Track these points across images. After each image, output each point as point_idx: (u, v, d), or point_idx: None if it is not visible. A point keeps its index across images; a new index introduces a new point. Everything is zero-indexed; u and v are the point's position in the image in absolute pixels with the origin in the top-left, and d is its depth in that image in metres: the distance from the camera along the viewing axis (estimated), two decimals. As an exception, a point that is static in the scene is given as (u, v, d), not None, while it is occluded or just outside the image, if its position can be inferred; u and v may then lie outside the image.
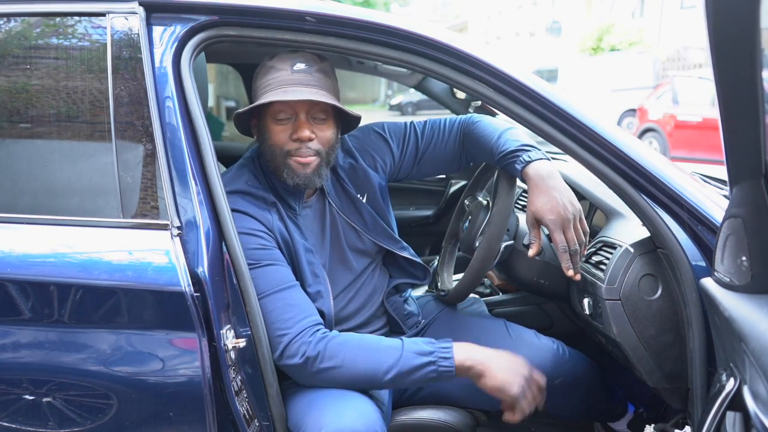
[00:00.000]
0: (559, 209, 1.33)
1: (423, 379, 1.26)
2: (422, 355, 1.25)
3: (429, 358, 1.25)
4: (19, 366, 1.14)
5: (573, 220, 1.33)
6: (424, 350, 1.26)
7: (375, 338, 1.32)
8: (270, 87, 1.31)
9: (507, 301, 2.12)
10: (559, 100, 1.25)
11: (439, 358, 1.25)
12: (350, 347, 1.26)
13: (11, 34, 1.24)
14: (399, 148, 1.56)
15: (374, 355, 1.26)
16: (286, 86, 1.29)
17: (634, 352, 1.33)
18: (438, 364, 1.25)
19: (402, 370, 1.25)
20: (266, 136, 1.34)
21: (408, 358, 1.25)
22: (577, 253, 1.33)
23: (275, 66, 1.32)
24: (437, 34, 1.27)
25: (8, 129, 1.23)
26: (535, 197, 1.36)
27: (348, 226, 1.48)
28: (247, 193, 1.35)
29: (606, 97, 12.62)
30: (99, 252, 1.18)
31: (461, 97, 2.44)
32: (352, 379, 1.26)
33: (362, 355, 1.26)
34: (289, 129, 1.32)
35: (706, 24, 0.80)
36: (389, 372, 1.25)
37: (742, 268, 0.94)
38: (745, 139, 0.86)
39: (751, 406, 0.82)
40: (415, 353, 1.26)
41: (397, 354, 1.26)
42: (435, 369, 1.25)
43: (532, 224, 1.38)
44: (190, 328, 1.11)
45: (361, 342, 1.29)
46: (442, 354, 1.26)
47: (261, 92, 1.33)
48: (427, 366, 1.25)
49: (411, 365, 1.25)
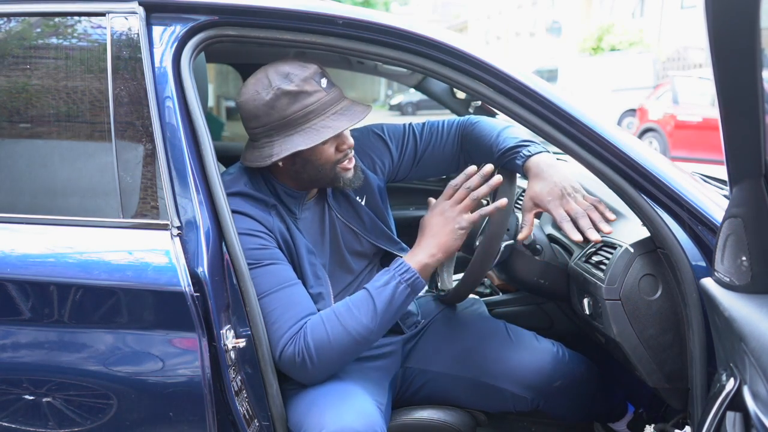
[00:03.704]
0: (556, 191, 1.34)
1: (403, 301, 1.29)
2: (387, 284, 1.28)
3: (393, 281, 1.28)
4: (19, 366, 1.14)
5: (572, 194, 1.34)
6: (385, 279, 1.29)
7: (341, 303, 1.31)
8: (315, 113, 1.27)
9: (507, 301, 2.12)
10: (559, 100, 1.25)
11: (401, 275, 1.29)
12: (330, 322, 1.26)
13: (11, 34, 1.24)
14: (398, 150, 1.56)
15: (353, 313, 1.26)
16: (334, 107, 1.29)
17: (634, 352, 1.33)
18: (404, 279, 1.28)
19: (381, 309, 1.27)
20: (310, 159, 1.31)
21: (377, 294, 1.28)
22: (585, 216, 1.31)
23: (304, 89, 1.25)
24: (437, 34, 1.27)
25: (8, 129, 1.23)
26: (533, 184, 1.37)
27: (347, 229, 1.48)
28: (247, 195, 1.34)
29: (606, 97, 12.63)
30: (99, 252, 1.18)
31: (461, 97, 2.44)
32: (350, 347, 1.26)
33: (344, 320, 1.26)
34: (333, 142, 1.32)
35: (706, 24, 0.80)
36: (374, 319, 1.26)
37: (742, 268, 0.94)
38: (745, 139, 0.86)
39: (751, 406, 0.82)
40: (380, 288, 1.28)
41: (368, 299, 1.28)
42: (405, 286, 1.28)
43: (527, 209, 1.39)
44: (190, 328, 1.11)
45: (335, 311, 1.28)
46: (401, 271, 1.29)
47: (303, 120, 1.26)
48: (396, 288, 1.28)
49: (385, 298, 1.27)
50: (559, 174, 1.36)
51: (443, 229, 1.32)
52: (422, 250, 1.32)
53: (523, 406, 1.55)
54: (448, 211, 1.33)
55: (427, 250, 1.32)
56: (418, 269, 1.30)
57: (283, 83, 1.25)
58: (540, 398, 1.54)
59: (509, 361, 1.53)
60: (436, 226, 1.33)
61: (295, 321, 1.26)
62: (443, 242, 1.32)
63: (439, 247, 1.32)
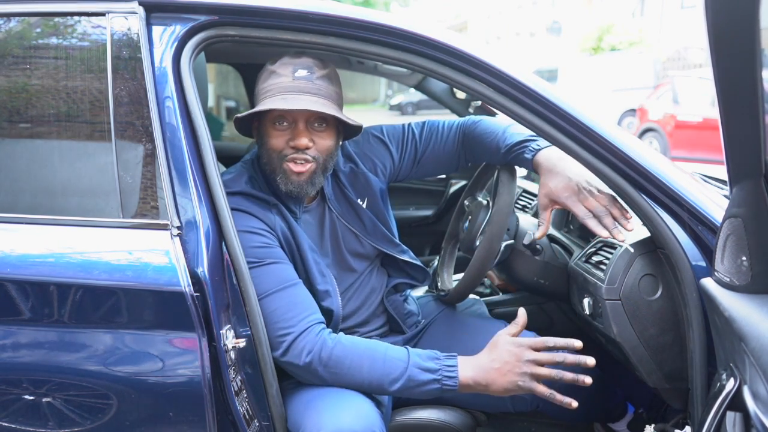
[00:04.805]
0: (573, 186, 1.33)
1: (425, 394, 1.25)
2: (428, 372, 1.24)
3: (434, 375, 1.23)
4: (19, 366, 1.14)
5: (590, 191, 1.33)
6: (430, 368, 1.24)
7: (382, 347, 1.29)
8: (270, 93, 1.30)
9: (507, 301, 2.11)
10: (559, 100, 1.25)
11: (444, 377, 1.23)
12: (356, 354, 1.25)
13: (11, 34, 1.24)
14: (398, 151, 1.56)
15: (380, 365, 1.24)
16: (286, 93, 1.28)
17: (634, 352, 1.33)
18: (442, 382, 1.23)
19: (406, 385, 1.23)
20: (265, 139, 1.34)
21: (413, 373, 1.23)
22: (607, 214, 1.32)
23: (277, 71, 1.31)
24: (437, 34, 1.27)
25: (8, 129, 1.23)
26: (547, 180, 1.36)
27: (348, 231, 1.48)
28: (248, 194, 1.35)
29: (606, 97, 12.63)
30: (99, 252, 1.17)
31: (461, 97, 2.45)
32: (355, 384, 1.26)
33: (368, 364, 1.24)
34: (287, 135, 1.32)
35: (706, 24, 0.80)
36: (393, 384, 1.24)
37: (742, 268, 0.94)
38: (745, 139, 0.86)
39: (751, 406, 0.82)
40: (420, 369, 1.24)
41: (403, 367, 1.24)
42: (439, 387, 1.23)
43: (544, 206, 1.39)
44: (190, 328, 1.11)
45: (367, 350, 1.26)
46: (447, 373, 1.23)
47: (261, 97, 1.32)
48: (431, 383, 1.23)
49: (416, 381, 1.23)
50: (571, 168, 1.35)
51: (507, 373, 1.21)
52: (479, 372, 1.23)
53: (522, 407, 1.54)
54: (523, 365, 1.21)
55: (483, 376, 1.22)
56: (461, 383, 1.23)
57: (270, 62, 1.34)
58: (540, 399, 1.54)
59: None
60: (505, 362, 1.22)
61: (299, 320, 1.26)
62: (497, 383, 1.22)
63: (493, 382, 1.22)
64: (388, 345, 1.29)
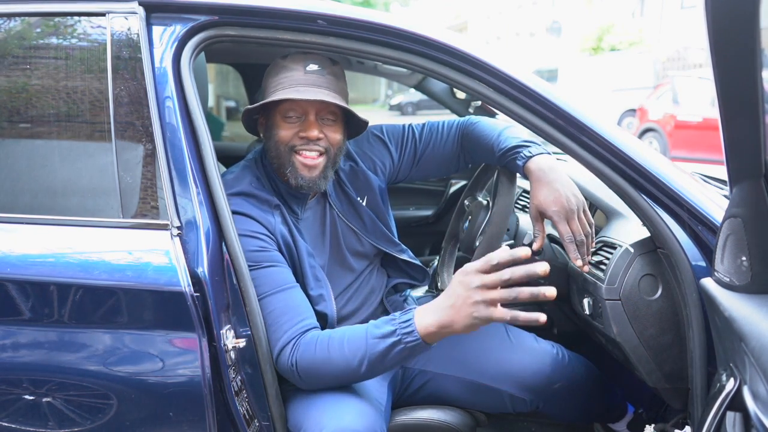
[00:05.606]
0: (562, 201, 1.33)
1: (397, 360, 1.19)
2: (386, 337, 1.17)
3: (393, 338, 1.17)
4: (19, 366, 1.14)
5: (577, 211, 1.34)
6: (386, 332, 1.18)
7: (341, 331, 1.24)
8: (282, 85, 1.31)
9: (507, 301, 2.11)
10: (559, 100, 1.25)
11: (403, 335, 1.16)
12: (321, 347, 1.22)
13: (11, 34, 1.24)
14: (398, 151, 1.56)
15: (344, 350, 1.20)
16: (299, 86, 1.30)
17: (634, 352, 1.33)
18: (404, 341, 1.16)
19: (372, 359, 1.19)
20: (273, 132, 1.34)
21: (373, 345, 1.18)
22: (584, 243, 1.34)
23: (288, 65, 1.33)
24: (437, 34, 1.27)
25: (8, 129, 1.23)
26: (537, 191, 1.37)
27: (348, 229, 1.48)
28: (250, 195, 1.34)
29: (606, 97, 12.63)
30: (99, 252, 1.17)
31: (461, 97, 2.45)
32: (334, 378, 1.23)
33: (333, 353, 1.21)
34: (296, 127, 1.33)
35: (706, 24, 0.80)
36: (362, 365, 1.19)
37: (742, 268, 0.94)
38: (745, 139, 0.86)
39: (751, 406, 0.82)
40: (378, 338, 1.18)
41: (362, 344, 1.19)
42: (402, 347, 1.17)
43: (535, 218, 1.39)
44: (190, 328, 1.11)
45: (331, 339, 1.22)
46: (404, 329, 1.16)
47: (272, 90, 1.33)
48: (394, 346, 1.17)
49: (378, 351, 1.18)
50: (559, 179, 1.36)
51: (461, 307, 1.11)
52: (436, 315, 1.15)
53: (522, 408, 1.55)
54: (473, 293, 1.10)
55: (440, 318, 1.14)
56: (422, 334, 1.15)
57: (281, 58, 1.36)
58: (539, 400, 1.54)
59: (508, 362, 1.52)
60: (457, 296, 1.12)
61: (291, 326, 1.25)
62: (457, 320, 1.12)
63: (452, 321, 1.13)
64: (348, 328, 1.24)
